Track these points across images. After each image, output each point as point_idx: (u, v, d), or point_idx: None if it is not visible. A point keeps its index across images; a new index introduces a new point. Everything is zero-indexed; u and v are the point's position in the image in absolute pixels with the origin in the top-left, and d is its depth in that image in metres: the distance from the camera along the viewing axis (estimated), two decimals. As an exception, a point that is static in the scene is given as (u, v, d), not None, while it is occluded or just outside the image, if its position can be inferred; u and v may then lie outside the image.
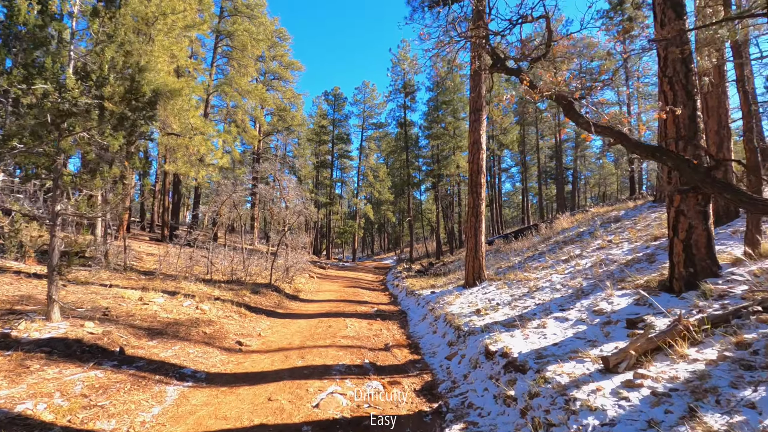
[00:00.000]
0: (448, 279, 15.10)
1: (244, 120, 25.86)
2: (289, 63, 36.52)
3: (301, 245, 15.46)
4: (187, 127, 15.40)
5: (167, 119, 15.43)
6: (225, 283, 11.37)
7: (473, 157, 10.98)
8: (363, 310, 10.89)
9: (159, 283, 9.52)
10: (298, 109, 39.73)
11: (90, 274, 9.18)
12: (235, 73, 24.91)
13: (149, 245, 17.93)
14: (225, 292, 10.20)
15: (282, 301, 11.13)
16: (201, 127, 15.41)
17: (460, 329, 6.62)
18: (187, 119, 15.08)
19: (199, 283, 10.57)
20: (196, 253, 14.75)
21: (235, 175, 21.16)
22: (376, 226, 63.45)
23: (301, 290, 13.68)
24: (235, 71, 25.05)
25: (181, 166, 14.59)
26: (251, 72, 25.15)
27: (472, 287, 10.36)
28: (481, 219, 10.76)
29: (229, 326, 7.37)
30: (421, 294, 12.07)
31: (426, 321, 8.78)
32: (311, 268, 23.09)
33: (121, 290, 7.87)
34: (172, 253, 12.46)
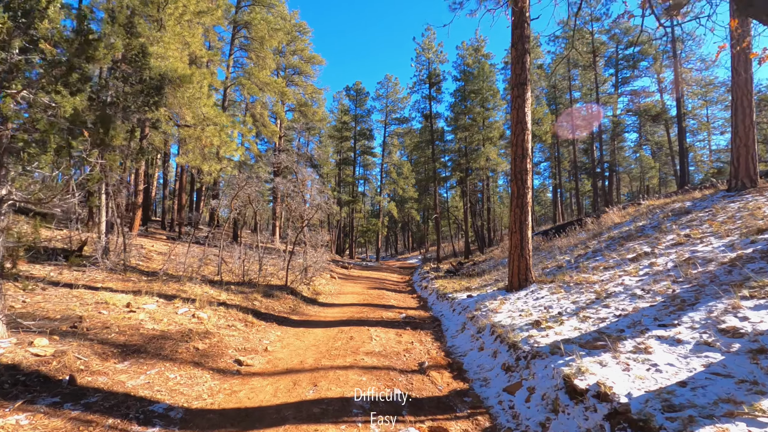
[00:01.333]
0: (483, 280, 13.52)
1: (263, 114, 24.91)
2: (310, 57, 35.56)
3: (321, 243, 14.19)
4: (199, 117, 14.43)
5: (180, 110, 14.51)
6: (236, 285, 10.19)
7: (516, 139, 9.39)
8: (389, 317, 9.48)
9: (159, 286, 8.39)
10: (320, 105, 38.76)
11: (82, 275, 8.14)
12: (253, 65, 24.00)
13: (164, 244, 17.08)
14: (233, 295, 8.99)
15: (298, 306, 9.85)
16: (214, 117, 14.38)
17: (516, 347, 5.12)
18: (199, 108, 14.09)
19: (206, 285, 9.41)
20: (208, 253, 13.71)
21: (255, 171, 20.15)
22: (400, 225, 62.03)
23: (321, 292, 12.39)
24: (253, 64, 24.14)
25: (191, 159, 13.57)
26: (270, 64, 24.15)
27: (517, 291, 8.80)
28: (527, 211, 9.18)
29: (230, 339, 6.09)
30: (455, 298, 10.58)
31: (466, 332, 7.29)
32: (333, 267, 21.88)
33: (110, 294, 6.73)
34: (180, 252, 11.39)
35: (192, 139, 14.01)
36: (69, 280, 7.48)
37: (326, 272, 17.57)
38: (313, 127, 36.73)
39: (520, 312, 6.98)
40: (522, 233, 9.08)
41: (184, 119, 14.13)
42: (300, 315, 8.99)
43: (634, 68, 37.80)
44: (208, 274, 11.34)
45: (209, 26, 21.49)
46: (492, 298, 8.71)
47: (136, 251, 12.89)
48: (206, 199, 23.29)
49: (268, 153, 36.78)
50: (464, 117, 27.54)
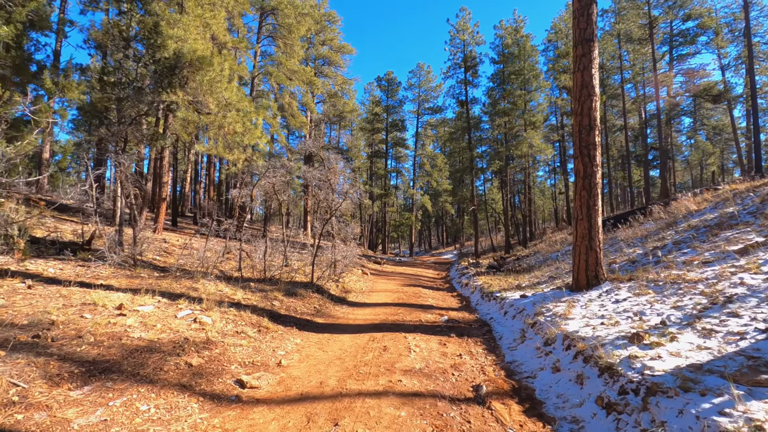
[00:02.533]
0: (533, 277, 11.91)
1: (291, 105, 24.03)
2: (340, 47, 34.52)
3: (351, 236, 13.00)
4: (221, 103, 13.56)
5: (201, 95, 13.71)
6: (256, 282, 9.14)
7: (581, 107, 7.76)
8: (429, 319, 8.13)
9: (168, 283, 7.42)
10: (351, 97, 37.74)
11: (85, 271, 7.29)
12: (281, 53, 23.13)
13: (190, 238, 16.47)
14: (250, 294, 7.92)
15: (324, 306, 8.67)
16: (236, 102, 13.46)
17: (615, 373, 3.66)
18: (221, 93, 13.20)
19: (222, 282, 8.39)
20: (231, 246, 12.83)
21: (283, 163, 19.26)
22: (433, 220, 60.30)
23: (351, 290, 11.20)
24: (281, 52, 23.26)
25: (213, 147, 12.70)
26: (298, 52, 23.17)
27: (586, 290, 7.21)
28: (596, 193, 7.54)
29: (236, 350, 4.94)
30: (504, 297, 9.08)
31: (528, 343, 5.83)
32: (364, 263, 20.73)
33: (104, 294, 5.76)
34: (198, 246, 10.51)
35: (214, 126, 13.16)
36: (68, 277, 6.61)
37: (357, 268, 16.40)
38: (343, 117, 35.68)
39: (600, 319, 5.44)
40: (591, 220, 7.46)
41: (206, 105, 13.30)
42: (325, 317, 7.79)
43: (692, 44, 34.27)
44: (228, 270, 10.39)
45: (234, 13, 20.73)
46: (555, 300, 7.18)
47: (157, 245, 12.18)
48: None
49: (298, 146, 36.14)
50: (504, 101, 25.57)
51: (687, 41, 34.07)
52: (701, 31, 33.58)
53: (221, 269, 10.25)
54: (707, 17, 32.51)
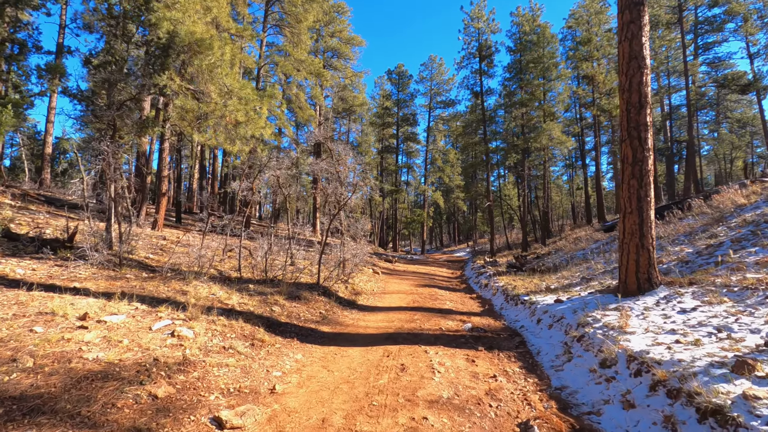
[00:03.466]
0: (561, 278, 10.81)
1: (299, 96, 23.10)
2: (349, 39, 33.48)
3: (361, 233, 12.02)
4: (222, 89, 12.69)
5: (201, 81, 12.87)
6: (256, 283, 8.22)
7: (629, 82, 6.64)
8: (450, 327, 7.12)
9: (154, 285, 6.53)
10: (361, 91, 36.70)
11: (62, 272, 6.43)
12: (288, 43, 22.20)
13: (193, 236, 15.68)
14: (247, 298, 6.98)
15: (331, 311, 7.71)
16: (238, 89, 12.57)
17: (733, 423, 2.62)
18: (221, 79, 12.32)
19: (217, 283, 7.49)
20: (232, 244, 11.97)
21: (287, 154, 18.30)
22: (445, 217, 59.09)
23: (361, 291, 10.22)
24: (288, 41, 22.34)
25: (213, 137, 11.81)
26: (305, 41, 22.17)
27: (639, 296, 6.12)
28: (648, 182, 6.43)
29: (220, 372, 3.99)
30: (533, 302, 8.03)
31: (579, 362, 4.77)
32: (375, 261, 19.76)
33: (72, 300, 4.88)
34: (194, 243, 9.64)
35: (214, 115, 12.28)
36: (39, 279, 5.75)
37: (368, 267, 15.43)
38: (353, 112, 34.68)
39: (671, 335, 4.37)
40: (642, 214, 6.36)
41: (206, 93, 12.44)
42: (332, 325, 6.81)
43: (719, 31, 32.42)
44: (227, 270, 9.49)
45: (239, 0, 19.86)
46: (600, 307, 6.10)
47: (153, 243, 11.36)
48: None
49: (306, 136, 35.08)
50: (521, 91, 24.31)
51: (714, 29, 32.32)
52: (729, 17, 31.85)
53: (219, 269, 9.36)
54: (735, 3, 30.78)
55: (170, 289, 6.61)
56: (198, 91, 12.95)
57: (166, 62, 9.53)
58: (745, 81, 34.07)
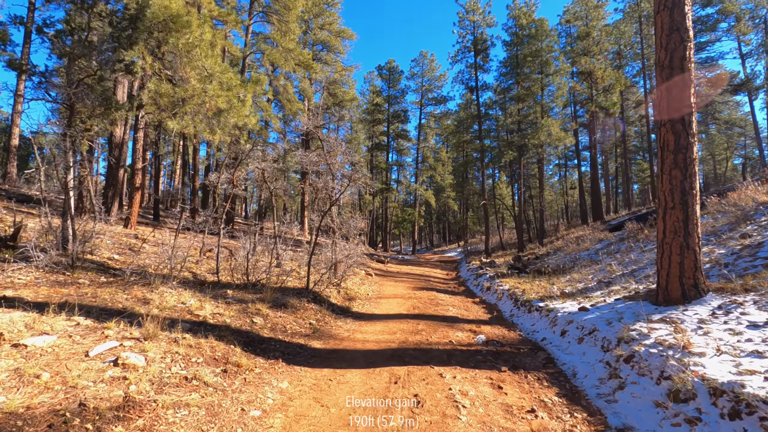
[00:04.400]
0: (572, 280, 9.94)
1: (287, 88, 21.92)
2: (339, 31, 32.36)
3: (354, 231, 10.99)
4: (201, 74, 11.56)
5: (178, 63, 11.74)
6: (235, 289, 7.14)
7: (670, 58, 5.75)
8: (461, 340, 6.15)
9: (111, 293, 5.42)
10: (351, 86, 35.59)
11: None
12: (275, 31, 21.01)
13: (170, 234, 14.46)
14: (224, 307, 5.90)
15: (322, 321, 6.67)
16: (219, 72, 11.46)
17: None
18: (199, 60, 11.19)
19: (189, 289, 6.39)
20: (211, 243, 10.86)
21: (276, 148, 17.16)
22: (435, 216, 58.31)
23: (355, 296, 9.20)
24: (275, 29, 21.15)
25: (189, 125, 10.63)
26: (294, 30, 20.99)
27: (686, 305, 5.23)
28: (693, 172, 5.56)
29: (175, 418, 2.94)
30: (552, 309, 7.12)
31: (635, 390, 3.83)
32: (367, 262, 18.74)
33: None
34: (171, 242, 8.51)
35: (192, 101, 11.12)
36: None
37: (361, 268, 14.41)
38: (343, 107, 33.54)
39: (758, 358, 3.46)
40: (687, 209, 5.48)
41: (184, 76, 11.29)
42: (325, 339, 5.77)
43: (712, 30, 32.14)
44: (204, 272, 8.38)
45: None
46: (641, 318, 5.19)
47: (123, 242, 10.17)
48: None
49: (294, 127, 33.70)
50: (518, 86, 23.53)
51: (707, 28, 32.06)
52: (722, 17, 31.67)
53: (194, 272, 8.24)
54: (729, 2, 30.58)
55: (130, 297, 5.50)
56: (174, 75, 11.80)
57: (134, 36, 8.36)
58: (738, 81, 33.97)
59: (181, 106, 11.17)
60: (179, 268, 7.17)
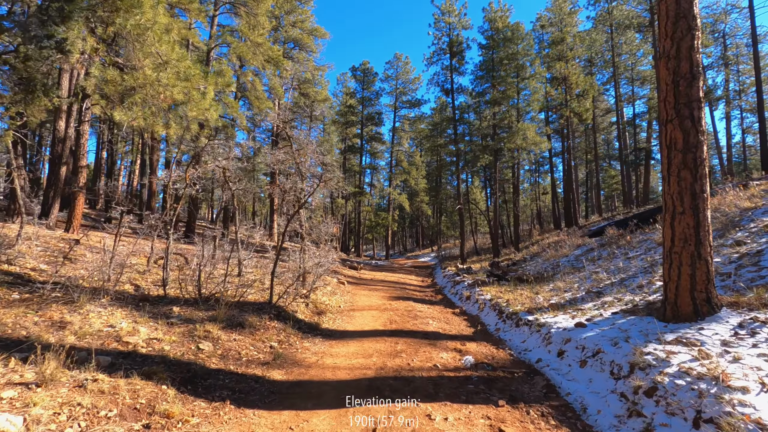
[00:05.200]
0: (557, 289, 9.38)
1: (255, 84, 20.75)
2: (312, 30, 31.36)
3: (326, 237, 10.07)
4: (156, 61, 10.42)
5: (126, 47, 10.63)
6: (184, 304, 6.09)
7: (677, 48, 5.22)
8: (447, 363, 5.37)
9: (18, 313, 4.32)
10: (324, 87, 34.57)
11: None
12: (243, 24, 19.83)
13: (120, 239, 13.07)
14: (164, 329, 4.88)
15: (286, 342, 5.73)
16: (176, 60, 10.34)
17: None
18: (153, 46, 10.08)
19: (123, 306, 5.32)
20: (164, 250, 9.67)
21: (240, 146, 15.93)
22: (409, 221, 57.85)
23: (325, 310, 8.27)
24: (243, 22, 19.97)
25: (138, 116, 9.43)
26: (263, 24, 19.84)
27: (699, 322, 4.65)
28: (703, 173, 5.01)
29: None
30: (543, 324, 6.46)
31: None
32: (339, 268, 17.79)
33: None
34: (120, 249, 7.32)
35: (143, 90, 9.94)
36: None
37: (331, 276, 13.47)
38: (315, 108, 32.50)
39: (820, 398, 2.83)
40: (697, 214, 4.92)
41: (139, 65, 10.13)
42: (288, 367, 4.84)
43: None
44: (150, 285, 7.26)
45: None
46: (651, 337, 4.56)
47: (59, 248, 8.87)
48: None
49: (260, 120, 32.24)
50: (494, 90, 23.26)
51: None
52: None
53: (138, 284, 7.11)
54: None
55: (43, 319, 4.41)
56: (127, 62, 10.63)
57: (68, 10, 7.19)
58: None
59: (131, 95, 9.97)
60: (114, 280, 6.06)
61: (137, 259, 9.66)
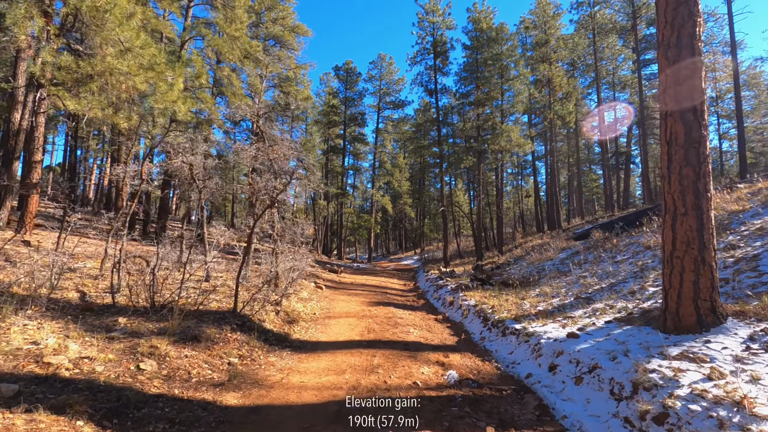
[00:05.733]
0: (543, 295, 8.96)
1: (231, 79, 19.92)
2: (293, 27, 30.60)
3: (301, 239, 9.43)
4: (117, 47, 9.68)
5: (86, 33, 9.90)
6: (133, 315, 5.39)
7: (677, 36, 4.82)
8: (429, 379, 4.83)
9: None
10: (306, 87, 33.79)
11: None
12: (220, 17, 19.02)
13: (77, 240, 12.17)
14: (101, 345, 4.19)
15: (248, 358, 5.09)
16: (139, 47, 9.60)
17: None
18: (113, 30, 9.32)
19: (57, 318, 4.61)
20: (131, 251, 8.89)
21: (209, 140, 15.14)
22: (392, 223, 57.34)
23: (298, 318, 7.63)
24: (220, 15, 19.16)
25: (93, 106, 8.62)
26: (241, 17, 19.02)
27: (705, 333, 4.23)
28: (707, 171, 4.60)
29: None
30: (532, 333, 6.00)
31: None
32: (318, 271, 17.12)
33: None
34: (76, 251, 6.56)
35: (101, 78, 9.15)
36: None
37: (309, 280, 12.82)
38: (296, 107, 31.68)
39: None
40: (700, 215, 4.51)
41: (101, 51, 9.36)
42: (245, 388, 4.20)
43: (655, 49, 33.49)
44: (100, 292, 6.51)
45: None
46: (657, 351, 4.11)
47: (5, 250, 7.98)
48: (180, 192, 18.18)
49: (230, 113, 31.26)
50: (478, 91, 22.98)
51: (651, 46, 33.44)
52: (663, 37, 33.10)
53: (86, 290, 6.35)
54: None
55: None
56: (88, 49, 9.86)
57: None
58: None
59: (87, 83, 9.16)
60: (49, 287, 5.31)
61: (94, 263, 8.85)
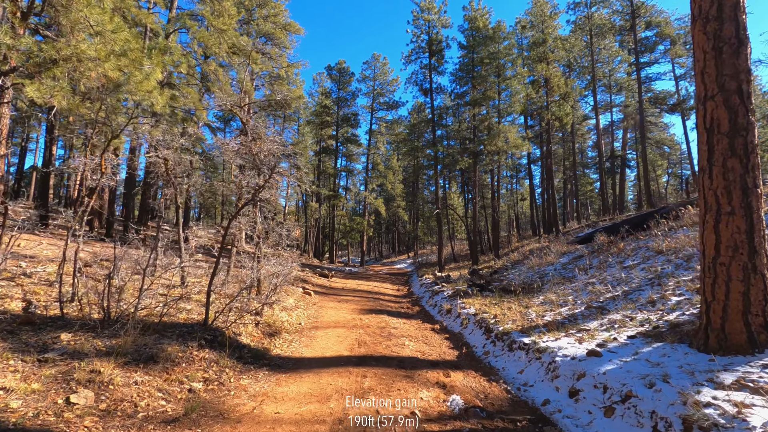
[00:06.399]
0: (551, 303, 8.27)
1: (218, 74, 19.09)
2: (285, 24, 29.81)
3: (286, 240, 8.63)
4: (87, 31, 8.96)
5: (51, 13, 9.18)
6: (80, 329, 4.57)
7: (718, 8, 4.15)
8: (429, 407, 4.08)
9: None
10: (298, 86, 32.99)
11: None
12: (207, 9, 18.26)
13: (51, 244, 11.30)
14: (29, 369, 3.39)
15: (216, 380, 4.30)
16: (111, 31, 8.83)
17: None
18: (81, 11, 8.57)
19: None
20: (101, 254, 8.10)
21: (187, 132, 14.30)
22: (385, 226, 56.59)
23: (280, 329, 6.84)
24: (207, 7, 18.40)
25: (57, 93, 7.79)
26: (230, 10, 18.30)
27: (757, 353, 3.53)
28: (756, 163, 3.93)
29: None
30: (544, 350, 5.27)
31: None
32: (307, 276, 16.30)
33: None
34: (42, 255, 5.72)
35: (66, 63, 8.33)
36: None
37: (297, 285, 12.02)
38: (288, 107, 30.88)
39: None
40: (750, 215, 3.83)
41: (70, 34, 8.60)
42: (204, 426, 3.40)
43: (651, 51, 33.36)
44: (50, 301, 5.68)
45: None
46: (705, 378, 3.40)
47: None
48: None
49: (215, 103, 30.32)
50: (474, 91, 22.38)
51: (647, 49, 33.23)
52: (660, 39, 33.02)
53: (34, 299, 5.52)
54: (665, 26, 31.95)
55: None
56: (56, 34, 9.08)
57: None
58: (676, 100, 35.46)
59: (50, 68, 8.33)
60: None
61: (54, 267, 8.00)
